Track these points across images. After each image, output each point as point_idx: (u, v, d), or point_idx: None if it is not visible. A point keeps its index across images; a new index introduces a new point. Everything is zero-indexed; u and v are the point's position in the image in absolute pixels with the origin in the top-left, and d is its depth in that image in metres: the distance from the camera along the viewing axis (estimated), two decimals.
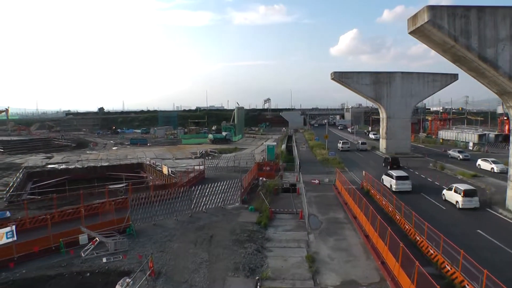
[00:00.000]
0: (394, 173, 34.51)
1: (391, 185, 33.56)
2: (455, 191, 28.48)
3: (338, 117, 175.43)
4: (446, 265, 16.45)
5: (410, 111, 60.71)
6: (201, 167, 44.19)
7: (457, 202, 27.95)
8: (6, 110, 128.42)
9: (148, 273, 16.94)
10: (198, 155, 62.28)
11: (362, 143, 67.02)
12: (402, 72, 58.80)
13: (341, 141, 68.28)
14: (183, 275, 17.36)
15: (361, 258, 19.10)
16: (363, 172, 38.45)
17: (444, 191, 30.33)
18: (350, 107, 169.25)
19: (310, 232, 23.07)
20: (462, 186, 28.70)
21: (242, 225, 24.37)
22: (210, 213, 27.74)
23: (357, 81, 58.86)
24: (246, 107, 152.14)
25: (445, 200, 29.71)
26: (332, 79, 59.19)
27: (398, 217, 24.14)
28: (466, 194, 27.52)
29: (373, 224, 20.31)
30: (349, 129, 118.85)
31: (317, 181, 37.51)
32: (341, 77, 58.96)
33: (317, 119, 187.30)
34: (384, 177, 35.75)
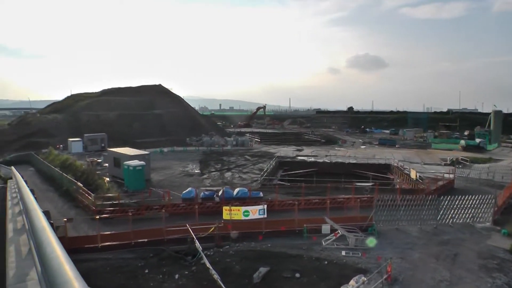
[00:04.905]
0: None
1: None
2: None
3: None
4: None
5: None
6: (451, 175, 41.65)
7: None
8: (264, 107, 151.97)
9: (384, 277, 17.34)
10: (448, 162, 58.75)
11: None
12: None
13: None
14: None
15: None
16: None
17: None
18: None
19: None
20: None
21: (491, 250, 22.08)
22: (456, 228, 26.05)
23: None
24: (504, 111, 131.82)
25: None
26: None
27: None
28: None
29: None
30: None
31: None
32: None
33: None
34: None
